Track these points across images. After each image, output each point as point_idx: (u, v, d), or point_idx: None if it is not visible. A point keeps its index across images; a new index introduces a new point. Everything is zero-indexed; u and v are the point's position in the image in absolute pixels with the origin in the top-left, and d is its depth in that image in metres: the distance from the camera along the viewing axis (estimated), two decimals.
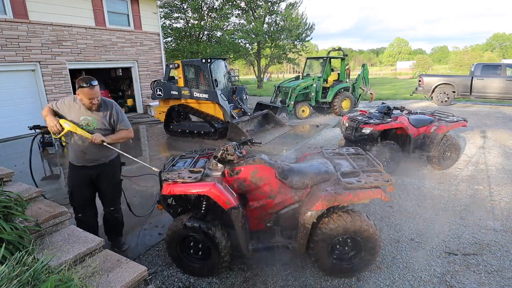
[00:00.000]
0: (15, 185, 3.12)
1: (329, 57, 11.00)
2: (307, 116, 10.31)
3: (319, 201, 2.37)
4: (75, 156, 2.77)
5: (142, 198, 4.38)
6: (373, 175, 2.56)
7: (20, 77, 9.00)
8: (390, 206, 3.91)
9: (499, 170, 5.00)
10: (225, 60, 8.81)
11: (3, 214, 2.16)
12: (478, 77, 11.20)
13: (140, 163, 3.20)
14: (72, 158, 2.80)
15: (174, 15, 22.32)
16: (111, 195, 3.00)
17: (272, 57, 23.87)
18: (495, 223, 3.44)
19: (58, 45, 9.64)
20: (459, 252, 2.94)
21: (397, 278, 2.61)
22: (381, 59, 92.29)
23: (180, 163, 2.86)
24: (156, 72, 13.04)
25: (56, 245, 2.42)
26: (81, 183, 2.84)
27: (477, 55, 56.69)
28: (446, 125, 4.97)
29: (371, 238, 2.47)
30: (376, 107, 5.44)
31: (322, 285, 2.56)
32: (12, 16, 8.50)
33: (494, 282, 2.53)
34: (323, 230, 2.45)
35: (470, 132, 7.47)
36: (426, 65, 56.70)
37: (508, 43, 69.14)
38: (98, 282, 2.07)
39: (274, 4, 22.05)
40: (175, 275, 2.74)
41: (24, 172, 5.67)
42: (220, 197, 2.39)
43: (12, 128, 8.77)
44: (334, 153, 3.19)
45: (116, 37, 11.38)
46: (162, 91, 8.29)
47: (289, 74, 48.07)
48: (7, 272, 1.52)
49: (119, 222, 3.14)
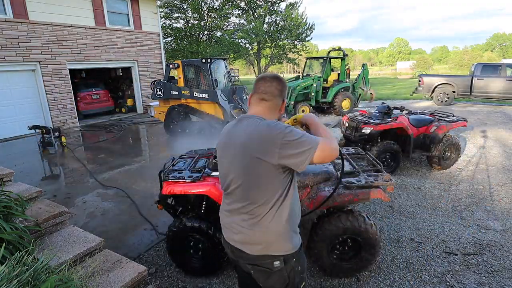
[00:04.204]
0: (15, 185, 3.13)
1: (329, 57, 11.00)
2: None
3: (319, 201, 2.37)
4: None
5: (142, 198, 4.38)
6: (373, 175, 2.56)
7: (20, 77, 9.01)
8: (390, 206, 3.91)
9: (499, 170, 5.00)
10: (225, 60, 8.80)
11: (3, 214, 2.16)
12: (478, 77, 11.19)
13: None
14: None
15: (174, 15, 22.35)
16: None
17: (272, 57, 23.88)
18: (495, 223, 3.44)
19: (58, 45, 9.64)
20: (459, 252, 2.94)
21: (397, 278, 2.61)
22: (381, 58, 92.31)
23: (180, 163, 2.86)
24: (156, 72, 13.05)
25: (56, 245, 2.42)
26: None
27: (477, 55, 56.68)
28: (446, 125, 4.96)
29: (371, 238, 2.47)
30: (376, 107, 5.44)
31: (322, 285, 2.56)
32: (12, 16, 8.51)
33: (494, 282, 2.53)
34: (323, 230, 2.45)
35: (470, 132, 7.47)
36: (426, 65, 56.70)
37: (508, 43, 69.15)
38: (98, 282, 2.07)
39: (274, 4, 22.06)
40: (175, 275, 2.74)
41: (24, 172, 5.68)
42: (220, 197, 2.39)
43: (12, 128, 8.77)
44: None
45: (116, 37, 11.38)
46: (162, 91, 8.29)
47: (289, 74, 48.08)
48: (7, 272, 1.52)
49: None
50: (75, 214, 3.87)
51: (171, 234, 2.58)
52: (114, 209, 4.11)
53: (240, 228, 1.38)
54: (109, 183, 5.01)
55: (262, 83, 1.42)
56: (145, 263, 2.88)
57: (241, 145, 1.33)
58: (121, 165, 6.00)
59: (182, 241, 2.63)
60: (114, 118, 11.76)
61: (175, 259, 2.71)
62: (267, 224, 1.33)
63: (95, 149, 7.42)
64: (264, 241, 1.35)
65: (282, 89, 1.43)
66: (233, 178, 1.37)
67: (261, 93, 1.41)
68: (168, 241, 2.63)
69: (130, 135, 9.22)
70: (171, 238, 2.60)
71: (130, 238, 3.40)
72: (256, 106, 1.43)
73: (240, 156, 1.33)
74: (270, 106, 1.42)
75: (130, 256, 2.95)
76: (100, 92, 11.78)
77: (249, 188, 1.33)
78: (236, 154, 1.35)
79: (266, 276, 1.40)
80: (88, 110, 11.44)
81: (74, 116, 10.40)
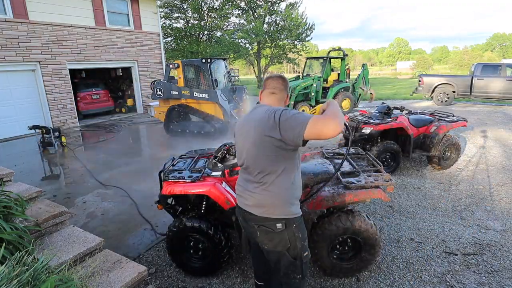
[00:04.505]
0: (15, 185, 3.13)
1: (329, 57, 11.00)
2: None
3: (319, 201, 2.37)
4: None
5: (142, 198, 4.38)
6: (373, 175, 2.56)
7: (20, 77, 9.01)
8: (390, 206, 3.91)
9: (499, 170, 5.00)
10: (225, 60, 8.81)
11: (3, 214, 2.16)
12: (478, 77, 11.19)
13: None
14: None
15: (174, 15, 22.36)
16: None
17: (272, 57, 23.88)
18: (495, 223, 3.44)
19: (58, 45, 9.64)
20: (459, 252, 2.94)
21: (397, 278, 2.61)
22: (381, 58, 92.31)
23: (180, 163, 2.86)
24: (156, 72, 13.05)
25: (56, 245, 2.42)
26: None
27: (477, 55, 56.70)
28: (446, 125, 4.96)
29: (371, 238, 2.47)
30: (376, 107, 5.44)
31: (322, 285, 2.56)
32: (12, 16, 8.51)
33: (494, 282, 2.53)
34: (323, 230, 2.44)
35: (470, 132, 7.47)
36: (426, 65, 56.70)
37: (508, 43, 69.13)
38: (98, 282, 2.07)
39: (274, 4, 22.06)
40: (175, 275, 2.74)
41: (24, 172, 5.68)
42: (220, 197, 2.39)
43: (12, 128, 8.78)
44: (334, 153, 3.19)
45: (116, 37, 11.38)
46: (162, 91, 8.29)
47: (289, 74, 48.08)
48: (7, 272, 1.52)
49: None
50: (75, 214, 3.87)
51: (171, 234, 2.58)
52: (114, 209, 4.11)
53: (252, 194, 1.68)
54: (109, 183, 5.01)
55: (271, 81, 1.78)
56: (145, 263, 2.88)
57: (254, 125, 1.62)
58: (121, 165, 6.00)
59: (182, 241, 2.63)
60: (114, 118, 11.76)
61: (175, 259, 2.71)
62: (273, 189, 1.62)
63: (95, 149, 7.42)
64: (270, 203, 1.63)
65: (286, 85, 1.79)
66: (247, 153, 1.66)
67: (271, 88, 1.76)
68: (168, 241, 2.63)
69: (130, 135, 9.22)
70: (171, 238, 2.60)
71: (130, 238, 3.40)
72: (267, 98, 1.76)
73: (253, 134, 1.62)
74: (278, 98, 1.76)
75: (130, 256, 2.95)
76: (100, 92, 11.78)
77: (260, 159, 1.61)
78: (249, 133, 1.65)
79: (270, 237, 1.67)
80: (88, 110, 11.44)
81: (74, 116, 10.40)
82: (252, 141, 1.62)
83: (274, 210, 1.64)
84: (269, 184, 1.62)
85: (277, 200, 1.63)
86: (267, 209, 1.64)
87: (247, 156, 1.67)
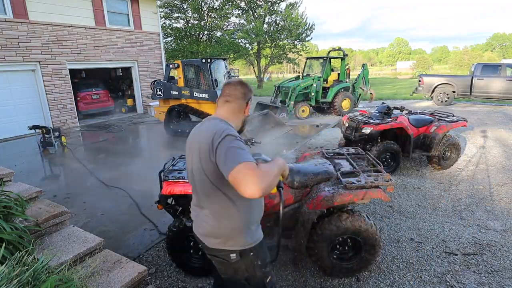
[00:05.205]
0: (15, 185, 3.13)
1: (329, 57, 11.00)
2: (307, 116, 10.31)
3: (319, 201, 2.37)
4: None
5: (142, 198, 4.38)
6: (373, 175, 2.55)
7: (20, 77, 9.01)
8: (390, 206, 3.91)
9: (499, 170, 5.00)
10: (225, 60, 8.80)
11: (3, 214, 2.16)
12: (478, 77, 11.20)
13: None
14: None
15: (174, 15, 22.34)
16: None
17: (272, 57, 23.86)
18: (495, 223, 3.44)
19: (58, 45, 9.64)
20: (459, 252, 2.94)
21: (397, 278, 2.61)
22: (381, 58, 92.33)
23: (180, 163, 2.86)
24: (156, 72, 13.05)
25: (56, 245, 2.42)
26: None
27: (477, 55, 56.69)
28: (446, 125, 4.96)
29: (371, 238, 2.47)
30: (376, 107, 5.44)
31: (322, 285, 2.56)
32: (12, 16, 8.51)
33: (494, 282, 2.53)
34: (323, 230, 2.44)
35: (470, 132, 7.47)
36: (426, 65, 56.71)
37: (508, 43, 69.15)
38: (98, 282, 2.07)
39: (274, 4, 22.04)
40: (175, 275, 2.74)
41: (24, 172, 5.68)
42: None
43: (12, 128, 8.78)
44: (334, 153, 3.19)
45: (116, 37, 11.38)
46: (162, 91, 8.29)
47: (289, 74, 48.08)
48: (7, 272, 1.53)
49: None
50: (75, 214, 3.86)
51: (171, 234, 2.58)
52: (114, 209, 4.11)
53: (203, 222, 1.50)
54: (109, 183, 5.01)
55: (227, 87, 1.54)
56: (145, 263, 2.88)
57: (198, 145, 1.41)
58: (121, 165, 6.00)
59: (182, 241, 2.63)
60: (114, 118, 11.76)
61: (175, 259, 2.71)
62: (223, 220, 1.43)
63: (95, 149, 7.42)
64: (222, 234, 1.45)
65: (245, 92, 1.54)
66: (194, 175, 1.47)
67: (225, 96, 1.53)
68: (168, 241, 2.63)
69: (130, 135, 9.22)
70: (171, 238, 2.60)
71: (130, 238, 3.40)
72: (221, 108, 1.54)
73: (197, 155, 1.41)
74: (233, 107, 1.52)
75: (130, 256, 2.95)
76: (100, 92, 11.78)
77: (205, 185, 1.42)
78: (194, 153, 1.44)
79: (225, 266, 1.52)
80: (88, 110, 11.45)
81: (74, 116, 10.40)
82: (197, 162, 1.41)
83: (226, 241, 1.45)
84: (218, 213, 1.43)
85: (229, 231, 1.44)
86: (218, 241, 1.46)
87: (195, 178, 1.47)
